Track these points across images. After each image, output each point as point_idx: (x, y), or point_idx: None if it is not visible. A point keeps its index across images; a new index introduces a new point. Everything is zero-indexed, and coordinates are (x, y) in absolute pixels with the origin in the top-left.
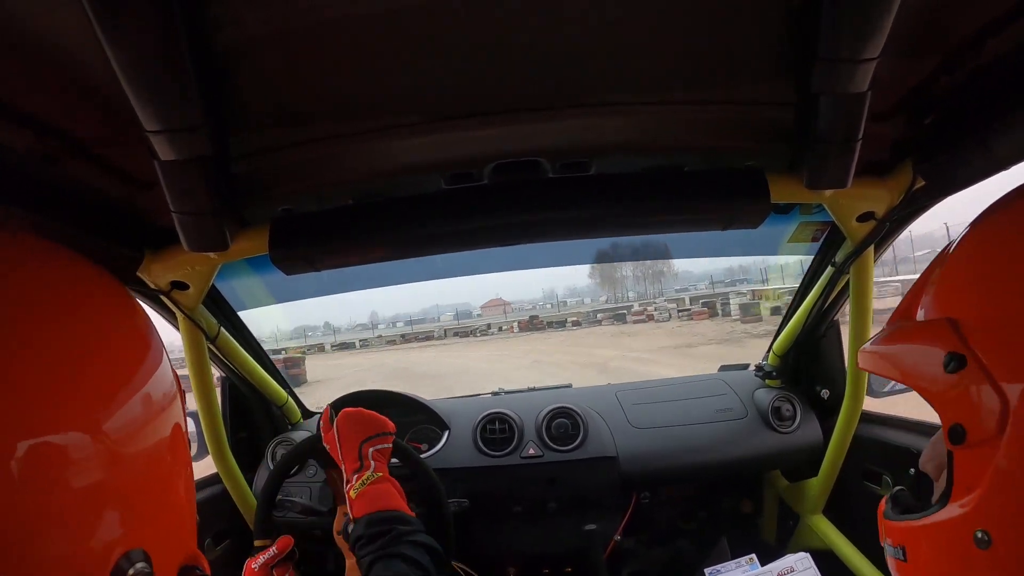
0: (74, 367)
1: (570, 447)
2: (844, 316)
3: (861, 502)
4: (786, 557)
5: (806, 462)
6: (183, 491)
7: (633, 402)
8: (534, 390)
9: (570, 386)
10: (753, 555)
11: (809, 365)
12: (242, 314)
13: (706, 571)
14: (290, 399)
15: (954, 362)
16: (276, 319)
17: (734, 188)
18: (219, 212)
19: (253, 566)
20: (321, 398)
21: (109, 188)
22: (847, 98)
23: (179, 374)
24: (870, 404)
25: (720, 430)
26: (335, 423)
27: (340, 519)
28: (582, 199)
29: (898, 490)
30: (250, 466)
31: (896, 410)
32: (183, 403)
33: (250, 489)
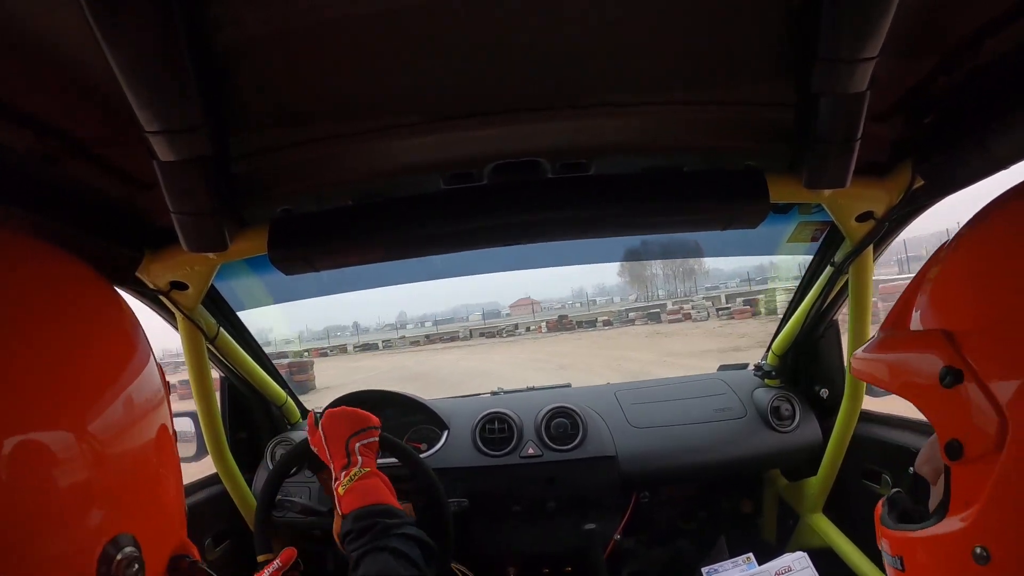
0: (56, 365)
1: (569, 447)
2: (844, 315)
3: (861, 501)
4: (783, 556)
5: (805, 461)
6: (171, 485)
7: (632, 402)
8: (533, 390)
9: (569, 385)
10: (750, 554)
11: (808, 364)
12: (266, 311)
13: (703, 570)
14: (289, 399)
15: (950, 376)
16: (305, 319)
17: (733, 188)
18: (218, 212)
19: None
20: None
21: (109, 188)
22: (846, 98)
23: (178, 375)
24: (869, 403)
25: (719, 430)
26: (320, 424)
27: (339, 521)
28: (582, 199)
29: (895, 493)
30: (250, 466)
31: (895, 410)
32: (168, 402)
33: (250, 489)
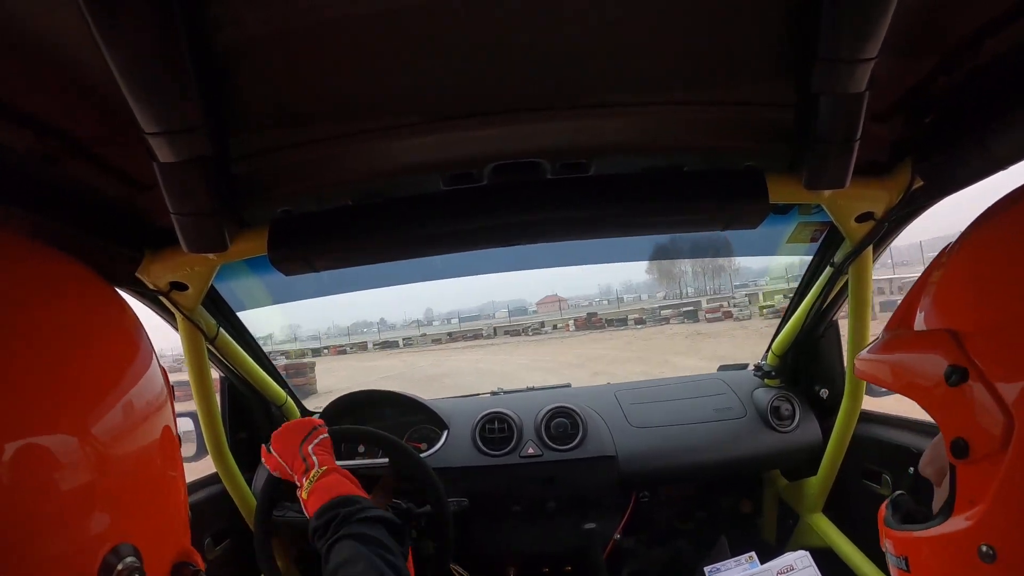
0: (57, 367)
1: (569, 446)
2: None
3: (861, 501)
4: (785, 555)
5: (805, 461)
6: (174, 490)
7: (632, 401)
8: (533, 389)
9: (569, 385)
10: (752, 553)
11: (808, 365)
12: (294, 307)
13: (705, 570)
14: (289, 399)
15: (956, 375)
16: (332, 316)
17: (733, 188)
18: (218, 213)
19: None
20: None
21: (109, 188)
22: (846, 98)
23: (179, 375)
24: (869, 403)
25: (719, 429)
26: (271, 447)
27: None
28: (582, 199)
29: (898, 495)
30: (250, 466)
31: (895, 410)
32: (172, 404)
33: (250, 489)
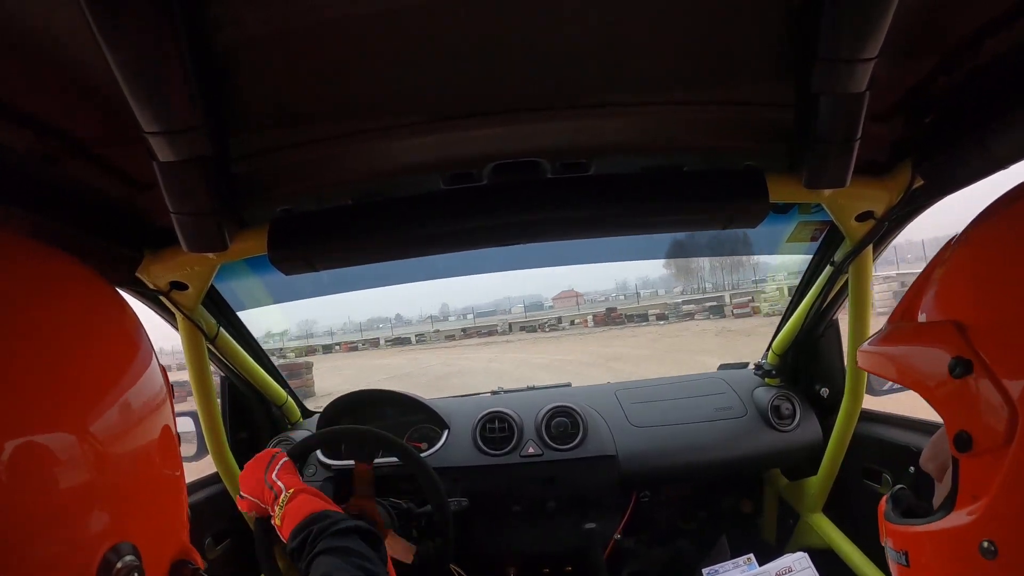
0: (57, 366)
1: (570, 446)
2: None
3: (861, 500)
4: (784, 557)
5: (806, 460)
6: (173, 489)
7: (633, 401)
8: (533, 389)
9: (569, 385)
10: (751, 555)
11: (808, 364)
12: (311, 303)
13: (704, 571)
14: (289, 399)
15: (960, 367)
16: (347, 311)
17: (733, 188)
18: (218, 212)
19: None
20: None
21: (109, 188)
22: (846, 98)
23: (179, 375)
24: (869, 402)
25: (720, 429)
26: (240, 495)
27: None
28: (581, 199)
29: (899, 489)
30: None
31: (896, 409)
32: (172, 403)
33: None
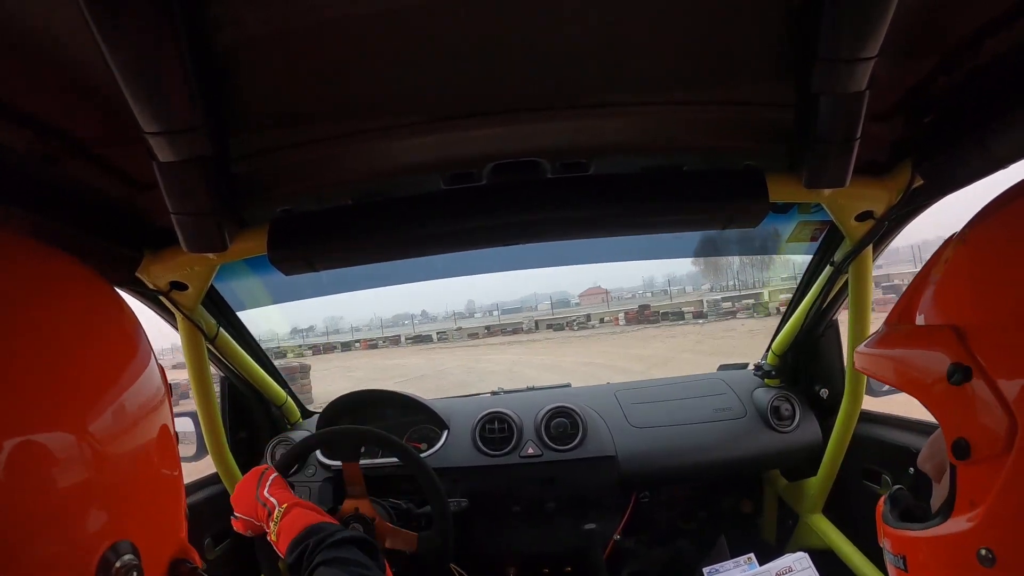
0: (56, 366)
1: (569, 446)
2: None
3: (861, 501)
4: (784, 557)
5: (805, 461)
6: (172, 488)
7: (632, 401)
8: (533, 389)
9: (569, 385)
10: (751, 555)
11: (808, 364)
12: (339, 299)
13: (704, 571)
14: (289, 399)
15: (959, 373)
16: (375, 307)
17: (733, 188)
18: (218, 213)
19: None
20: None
21: (109, 188)
22: (846, 98)
23: (179, 375)
24: (869, 403)
25: (719, 429)
26: (234, 515)
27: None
28: (581, 199)
29: (897, 490)
30: (250, 466)
31: (896, 410)
32: (170, 403)
33: None
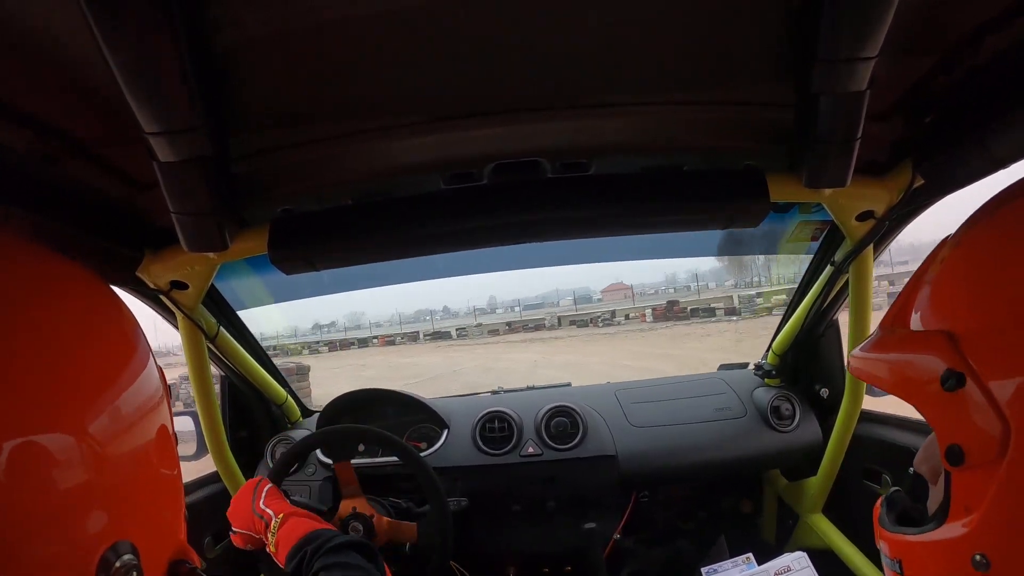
0: (55, 367)
1: (569, 446)
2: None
3: (861, 501)
4: (783, 556)
5: (805, 461)
6: (171, 488)
7: (632, 401)
8: (533, 389)
9: (569, 384)
10: (750, 554)
11: (808, 364)
12: (359, 295)
13: (703, 570)
14: (289, 398)
15: (952, 379)
16: (397, 303)
17: (733, 188)
18: (218, 212)
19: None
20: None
21: (109, 188)
22: (846, 98)
23: (179, 374)
24: (869, 403)
25: (719, 429)
26: (232, 531)
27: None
28: (582, 199)
29: (894, 491)
30: (250, 465)
31: (896, 409)
32: (169, 403)
33: None
